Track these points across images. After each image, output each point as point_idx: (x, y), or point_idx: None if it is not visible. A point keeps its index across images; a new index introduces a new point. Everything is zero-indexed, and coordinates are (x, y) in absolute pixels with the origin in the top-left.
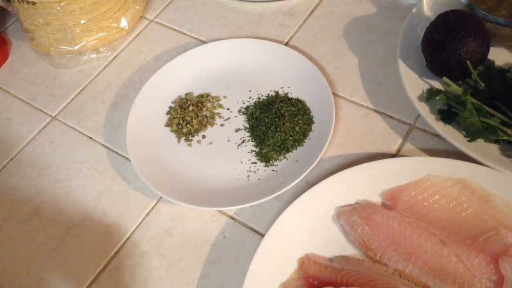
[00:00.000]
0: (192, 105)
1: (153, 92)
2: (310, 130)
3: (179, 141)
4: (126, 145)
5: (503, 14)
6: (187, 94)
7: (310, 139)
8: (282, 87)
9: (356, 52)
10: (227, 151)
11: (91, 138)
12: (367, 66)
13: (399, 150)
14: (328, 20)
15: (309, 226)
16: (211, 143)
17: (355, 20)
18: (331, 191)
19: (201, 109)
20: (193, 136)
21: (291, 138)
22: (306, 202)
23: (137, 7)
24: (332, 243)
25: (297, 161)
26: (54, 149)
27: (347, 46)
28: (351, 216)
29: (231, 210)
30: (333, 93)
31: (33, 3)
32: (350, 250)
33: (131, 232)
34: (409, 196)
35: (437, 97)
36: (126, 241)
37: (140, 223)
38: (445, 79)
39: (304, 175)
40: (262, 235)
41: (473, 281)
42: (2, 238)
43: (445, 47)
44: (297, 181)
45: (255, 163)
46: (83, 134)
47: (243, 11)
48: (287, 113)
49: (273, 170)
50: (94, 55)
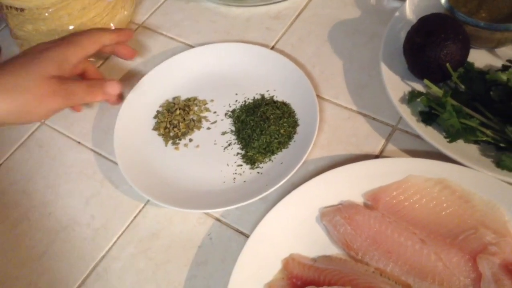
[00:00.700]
0: (179, 109)
1: (141, 96)
2: (295, 132)
3: (166, 144)
4: (114, 150)
5: (483, 17)
6: (174, 98)
7: (295, 141)
8: (268, 90)
9: (341, 55)
10: (213, 154)
11: (79, 142)
12: (351, 69)
13: (382, 151)
14: (314, 23)
15: (293, 227)
16: (197, 146)
17: (340, 23)
18: (315, 192)
19: (188, 113)
20: (180, 140)
21: (276, 140)
22: (290, 203)
23: (125, 12)
24: (316, 243)
25: (282, 163)
26: (43, 154)
27: (332, 49)
28: (334, 216)
29: (217, 212)
30: (318, 96)
31: (22, 9)
32: (333, 250)
33: (119, 236)
34: (391, 197)
35: (418, 99)
36: (113, 244)
37: (128, 226)
38: (426, 81)
39: (288, 176)
40: (248, 236)
41: (452, 279)
42: None
43: (425, 50)
44: (281, 182)
45: (240, 165)
46: (71, 139)
47: (230, 15)
48: (272, 116)
49: (258, 173)
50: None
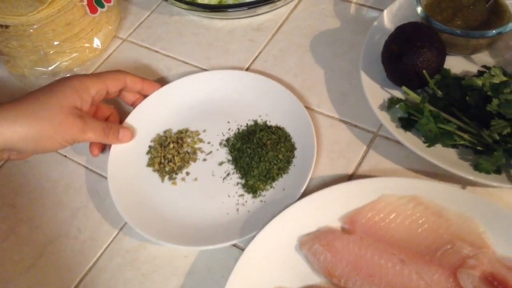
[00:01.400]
0: (172, 142)
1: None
2: (293, 156)
3: (162, 180)
4: (100, 162)
5: (458, 24)
6: (165, 132)
7: (294, 165)
8: (260, 116)
9: (322, 65)
10: (213, 185)
11: (65, 156)
12: (332, 78)
13: (363, 158)
14: (295, 34)
15: (274, 258)
16: (196, 179)
17: (321, 34)
18: (292, 220)
19: (182, 146)
20: (176, 174)
21: (275, 166)
22: (269, 234)
23: (110, 27)
24: (298, 273)
25: (284, 189)
26: (29, 168)
27: (314, 59)
28: (313, 244)
29: None
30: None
31: (6, 26)
32: (316, 279)
33: (106, 247)
34: (366, 218)
35: (397, 106)
36: (100, 255)
37: (115, 237)
38: (404, 88)
39: (293, 202)
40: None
41: None
42: None
43: (402, 58)
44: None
45: (242, 195)
46: (58, 152)
47: (213, 28)
48: (269, 141)
49: (261, 201)
50: (68, 75)
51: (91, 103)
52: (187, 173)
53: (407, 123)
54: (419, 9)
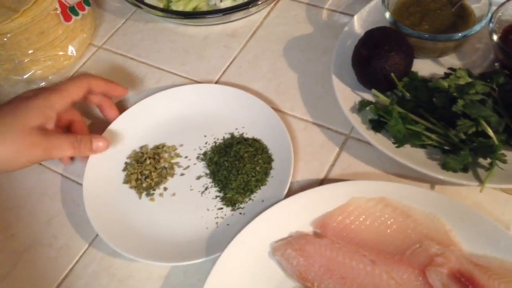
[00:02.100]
0: (149, 158)
1: (106, 151)
2: (271, 168)
3: (140, 197)
4: (75, 170)
5: (426, 28)
6: (142, 147)
7: (272, 177)
8: (237, 128)
9: (296, 70)
10: (191, 200)
11: (40, 164)
12: (306, 82)
13: (336, 160)
14: (269, 40)
15: (248, 265)
16: (174, 194)
17: (294, 39)
18: (264, 227)
19: (159, 161)
20: (154, 190)
21: (253, 178)
22: (242, 241)
23: (84, 35)
24: (272, 279)
25: (263, 200)
26: (4, 176)
27: (287, 64)
28: (285, 250)
29: None
30: (275, 109)
31: None
32: (289, 284)
33: (81, 254)
34: (337, 222)
35: (368, 108)
36: (76, 262)
37: (91, 243)
38: (374, 91)
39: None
40: None
41: None
42: None
43: (371, 61)
44: None
45: (221, 208)
46: None
47: (188, 34)
48: (246, 154)
49: (240, 213)
50: (43, 83)
51: (59, 117)
52: (165, 189)
53: (377, 125)
54: (387, 14)
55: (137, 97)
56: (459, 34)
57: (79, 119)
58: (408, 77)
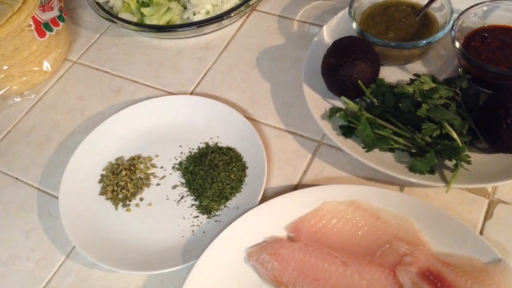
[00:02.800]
0: (125, 169)
1: (81, 163)
2: (245, 175)
3: (116, 208)
4: (51, 183)
5: (391, 37)
6: (117, 159)
7: (246, 184)
8: (211, 138)
9: (269, 79)
10: (167, 209)
11: (17, 178)
12: (278, 91)
13: (309, 165)
14: (242, 51)
15: (224, 270)
16: (150, 204)
17: (266, 50)
18: (239, 233)
19: (135, 172)
20: (130, 201)
21: (228, 186)
22: (218, 248)
23: (59, 50)
24: (248, 284)
25: (238, 207)
26: None
27: (260, 74)
28: (260, 254)
29: None
30: (249, 117)
31: None
32: None
33: (59, 266)
34: (310, 225)
35: (337, 115)
36: (54, 274)
37: (68, 255)
38: (343, 98)
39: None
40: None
41: None
42: None
43: (339, 69)
44: None
45: (197, 216)
46: (9, 175)
47: (163, 47)
48: (220, 162)
49: (216, 221)
50: (18, 99)
51: None
52: (141, 199)
53: (347, 131)
54: (354, 25)
55: (113, 109)
56: (423, 41)
57: None
58: (375, 84)
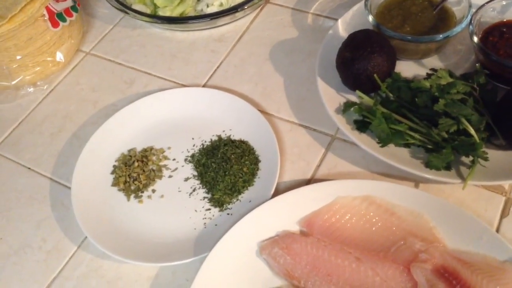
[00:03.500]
0: (137, 161)
1: (94, 153)
2: (258, 169)
3: (128, 199)
4: (64, 173)
5: (408, 31)
6: (130, 151)
7: (259, 177)
8: (224, 131)
9: (281, 73)
10: (179, 202)
11: (29, 168)
12: (291, 85)
13: (322, 160)
14: (256, 44)
15: (236, 264)
16: (162, 196)
17: (279, 43)
18: (251, 227)
19: (147, 164)
20: (142, 192)
21: (240, 179)
22: (230, 241)
23: (72, 41)
24: (260, 278)
25: (250, 201)
26: None
27: (273, 67)
28: (272, 248)
29: None
30: (262, 111)
31: None
32: (277, 282)
33: (70, 256)
34: (323, 220)
35: (352, 109)
36: (65, 265)
37: (79, 246)
38: (358, 92)
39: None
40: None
41: None
42: None
43: (354, 63)
44: None
45: (209, 209)
46: (21, 165)
47: (175, 40)
48: (233, 155)
49: (228, 214)
50: (31, 89)
51: None
52: (153, 191)
53: (361, 125)
54: (370, 18)
55: (125, 101)
56: (440, 36)
57: None
58: (391, 78)
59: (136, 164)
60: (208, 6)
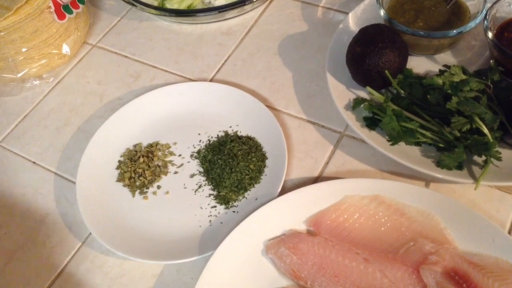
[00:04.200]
0: (143, 156)
1: (99, 148)
2: (265, 166)
3: (133, 195)
4: (68, 168)
5: (420, 26)
6: (135, 146)
7: (266, 175)
8: (231, 126)
9: (290, 67)
10: (185, 198)
11: (34, 162)
12: (300, 80)
13: (330, 157)
14: (264, 38)
15: (241, 263)
16: (167, 192)
17: (289, 37)
18: (257, 226)
19: (152, 159)
20: (147, 188)
21: (247, 177)
22: (236, 240)
23: (79, 33)
24: (266, 277)
25: (256, 199)
26: None
27: (282, 62)
28: (278, 248)
29: None
30: (270, 107)
31: None
32: (283, 282)
33: (74, 252)
34: (331, 220)
35: (362, 106)
36: (69, 261)
37: (84, 242)
38: (368, 88)
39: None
40: None
41: None
42: None
43: (365, 58)
44: None
45: (215, 206)
46: (26, 159)
47: (183, 33)
48: (239, 152)
49: (234, 212)
50: (37, 82)
51: None
52: (158, 187)
53: (371, 123)
54: (382, 12)
55: (131, 95)
56: (454, 31)
57: None
58: (402, 74)
59: (142, 159)
60: None
